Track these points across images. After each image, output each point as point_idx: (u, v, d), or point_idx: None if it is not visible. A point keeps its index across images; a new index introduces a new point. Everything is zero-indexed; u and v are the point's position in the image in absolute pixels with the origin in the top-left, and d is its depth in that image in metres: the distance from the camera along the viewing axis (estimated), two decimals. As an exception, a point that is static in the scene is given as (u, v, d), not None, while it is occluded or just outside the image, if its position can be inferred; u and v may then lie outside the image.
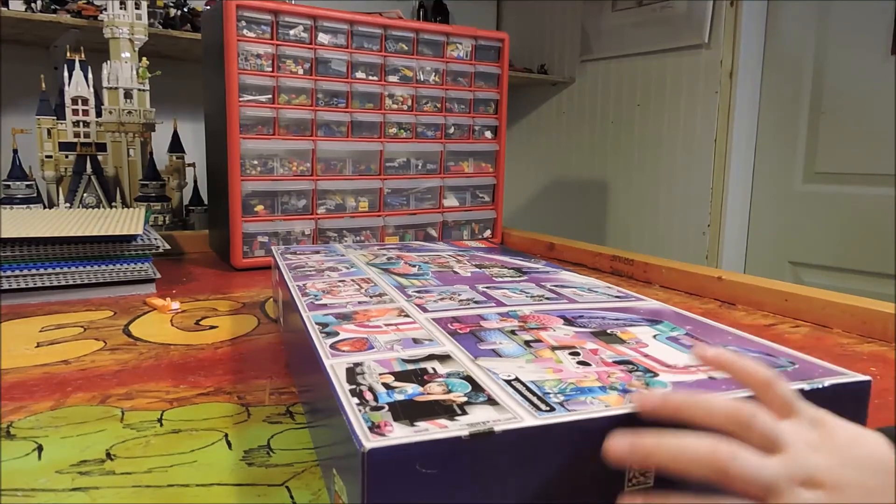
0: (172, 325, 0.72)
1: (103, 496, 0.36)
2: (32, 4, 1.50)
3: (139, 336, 0.67)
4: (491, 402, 0.31)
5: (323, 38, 1.05)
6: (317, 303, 0.52)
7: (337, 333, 0.43)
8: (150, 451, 0.41)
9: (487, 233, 1.30)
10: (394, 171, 1.16)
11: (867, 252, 1.65)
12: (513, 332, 0.44)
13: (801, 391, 0.33)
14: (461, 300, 0.53)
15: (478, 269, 0.67)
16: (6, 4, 1.45)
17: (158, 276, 0.87)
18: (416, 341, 0.42)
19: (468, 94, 1.22)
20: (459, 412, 0.30)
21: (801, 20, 1.80)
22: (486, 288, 0.57)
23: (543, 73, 2.47)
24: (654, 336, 0.43)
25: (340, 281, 0.60)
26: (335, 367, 0.36)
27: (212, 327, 0.71)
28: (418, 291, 0.56)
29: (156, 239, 0.88)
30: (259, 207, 1.04)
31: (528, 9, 2.63)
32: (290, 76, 1.03)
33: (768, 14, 1.88)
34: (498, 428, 0.28)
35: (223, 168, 1.02)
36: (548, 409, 0.30)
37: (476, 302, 0.52)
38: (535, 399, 0.31)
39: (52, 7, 1.53)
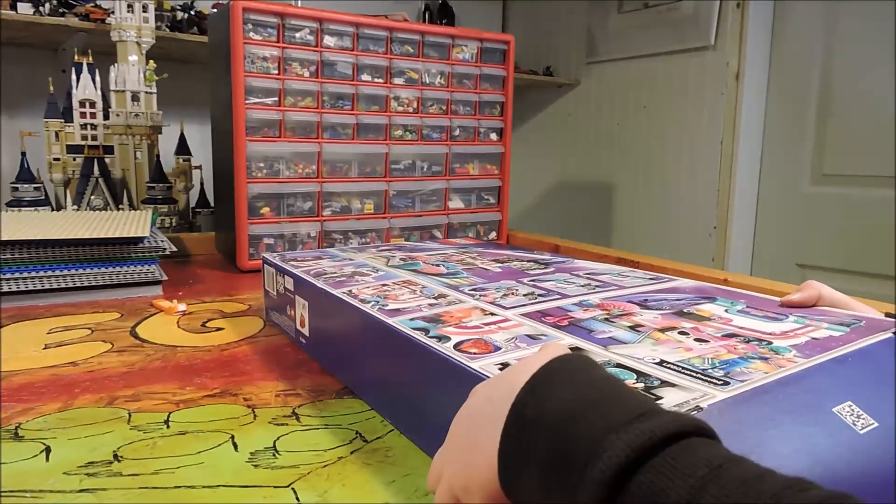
0: (179, 326, 0.72)
1: (110, 497, 0.36)
2: (41, 8, 1.51)
3: (146, 338, 0.67)
4: (666, 384, 0.32)
5: (329, 40, 1.05)
6: (387, 309, 0.49)
7: (448, 338, 0.42)
8: (157, 452, 0.42)
9: (492, 234, 1.30)
10: (399, 173, 1.16)
11: (876, 255, 1.64)
12: (606, 319, 0.44)
13: None
14: (524, 294, 0.52)
15: (501, 264, 0.66)
16: (15, 7, 1.46)
17: (165, 278, 0.88)
18: (532, 337, 0.41)
19: (473, 96, 1.22)
20: (654, 398, 0.30)
21: (808, 21, 1.79)
22: (533, 281, 0.57)
23: (549, 75, 2.47)
24: (726, 311, 0.45)
25: (383, 285, 0.58)
26: (485, 369, 0.36)
27: (218, 329, 0.71)
28: (475, 290, 0.55)
29: (162, 241, 0.89)
30: (265, 209, 1.04)
31: (533, 11, 2.63)
32: (295, 79, 1.03)
33: (775, 15, 1.87)
34: (704, 404, 0.29)
35: (229, 170, 1.02)
36: (722, 382, 0.31)
37: (539, 295, 0.52)
38: (701, 376, 0.33)
39: (60, 10, 1.54)
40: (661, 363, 0.35)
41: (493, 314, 0.47)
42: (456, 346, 0.40)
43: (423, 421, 0.42)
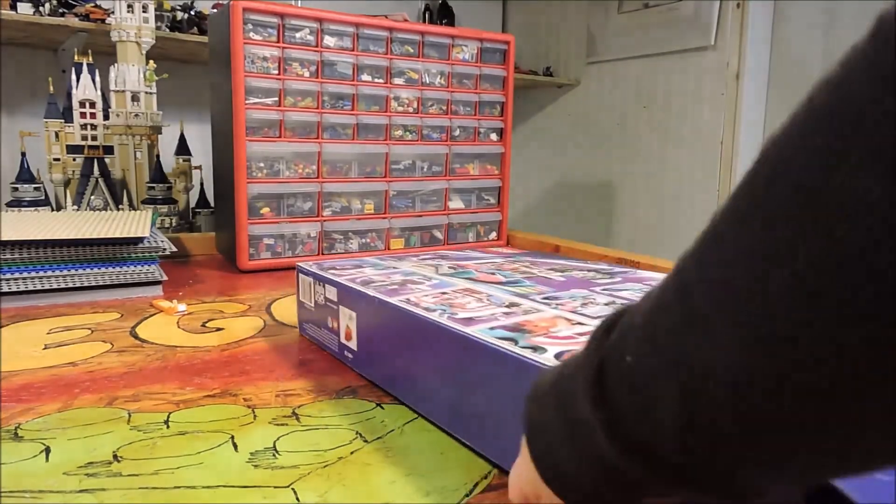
0: (179, 327, 0.72)
1: (110, 498, 0.36)
2: (41, 8, 1.51)
3: (146, 338, 0.67)
4: None
5: (329, 40, 1.05)
6: (458, 318, 0.45)
7: (543, 349, 0.38)
8: (157, 452, 0.41)
9: (493, 235, 1.30)
10: (399, 174, 1.16)
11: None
12: None
13: None
14: (605, 304, 0.49)
15: (561, 273, 0.62)
16: (15, 7, 1.47)
17: (165, 278, 0.88)
18: None
19: (474, 96, 1.22)
20: None
21: (808, 21, 1.79)
22: (606, 291, 0.53)
23: (549, 76, 2.47)
24: None
25: (443, 293, 0.53)
26: None
27: (218, 329, 0.71)
28: (547, 298, 0.51)
29: (162, 241, 0.89)
30: (265, 210, 1.04)
31: (533, 11, 2.63)
32: (296, 79, 1.03)
33: (775, 15, 1.87)
34: None
35: (229, 170, 1.02)
36: None
37: (622, 304, 0.48)
38: None
39: (60, 11, 1.54)
40: None
41: (581, 324, 0.43)
42: (557, 357, 0.36)
43: (511, 439, 0.35)
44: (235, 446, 0.43)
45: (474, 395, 0.42)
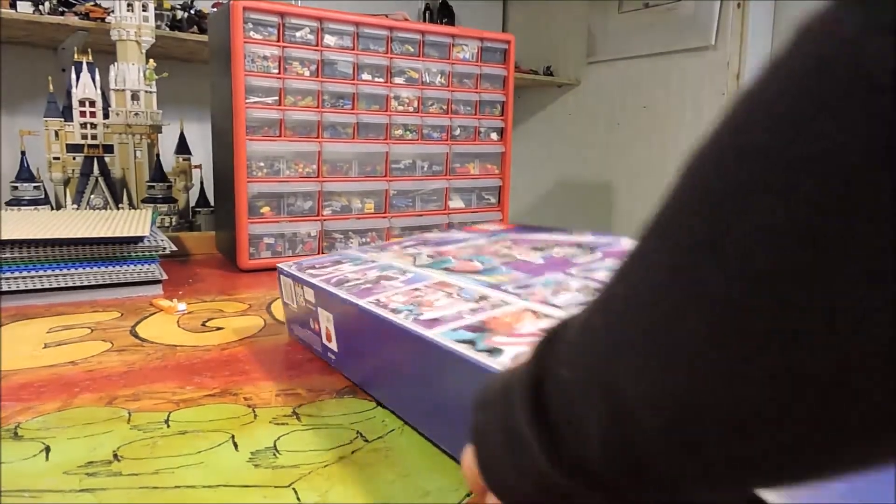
0: (179, 326, 0.72)
1: (110, 497, 0.36)
2: (40, 6, 1.51)
3: (146, 337, 0.67)
4: None
5: (329, 39, 1.05)
6: (422, 319, 0.44)
7: (500, 350, 0.36)
8: (157, 452, 0.41)
9: (493, 234, 1.30)
10: (399, 173, 1.16)
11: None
12: None
13: None
14: (577, 290, 0.47)
15: (541, 252, 0.59)
16: (14, 6, 1.46)
17: (165, 277, 0.88)
18: None
19: (474, 95, 1.22)
20: None
21: (808, 21, 1.79)
22: (583, 272, 0.51)
23: (549, 75, 2.47)
24: None
25: (415, 290, 0.52)
26: None
27: (218, 328, 0.71)
28: (520, 287, 0.48)
29: (162, 240, 0.89)
30: (265, 209, 1.04)
31: (534, 10, 2.63)
32: (296, 78, 1.03)
33: (775, 15, 1.88)
34: None
35: (229, 170, 1.02)
36: None
37: (597, 290, 0.47)
38: None
39: (60, 9, 1.54)
40: None
41: (547, 316, 0.41)
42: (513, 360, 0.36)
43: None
44: (236, 446, 0.43)
45: (441, 399, 0.41)
